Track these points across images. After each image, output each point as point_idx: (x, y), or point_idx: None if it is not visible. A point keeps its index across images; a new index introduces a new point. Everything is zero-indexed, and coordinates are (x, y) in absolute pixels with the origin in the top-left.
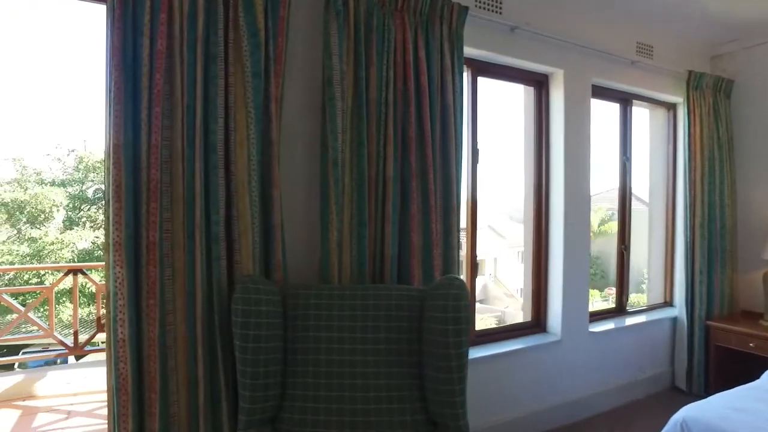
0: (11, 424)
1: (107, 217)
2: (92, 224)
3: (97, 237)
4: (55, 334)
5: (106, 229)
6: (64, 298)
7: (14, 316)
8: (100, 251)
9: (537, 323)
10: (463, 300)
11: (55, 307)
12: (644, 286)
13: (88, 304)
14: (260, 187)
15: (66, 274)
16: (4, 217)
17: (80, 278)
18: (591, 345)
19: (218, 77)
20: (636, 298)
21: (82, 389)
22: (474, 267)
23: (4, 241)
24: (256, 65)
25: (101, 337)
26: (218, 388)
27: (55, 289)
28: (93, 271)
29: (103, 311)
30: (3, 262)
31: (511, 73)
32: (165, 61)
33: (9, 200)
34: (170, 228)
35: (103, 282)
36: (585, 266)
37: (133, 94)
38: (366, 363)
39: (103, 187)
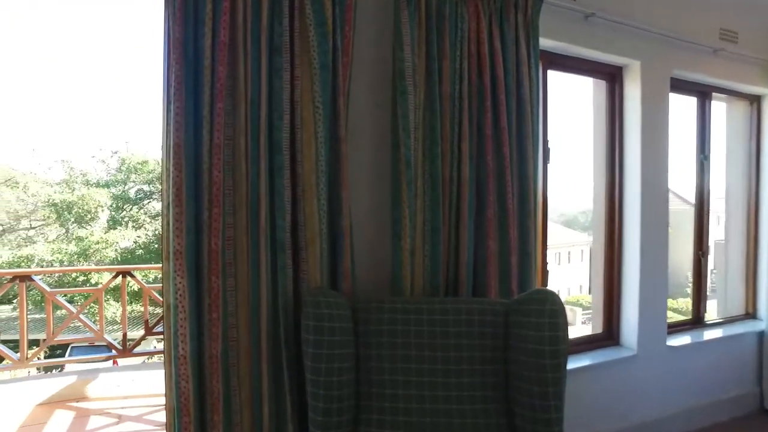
0: (66, 426)
1: (166, 223)
2: (134, 224)
3: (138, 237)
4: (105, 336)
5: (164, 236)
6: (107, 296)
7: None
8: (140, 250)
9: (609, 335)
10: (561, 317)
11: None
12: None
13: (130, 302)
14: (328, 189)
15: (115, 276)
16: (54, 216)
17: (114, 278)
18: (669, 360)
19: (283, 70)
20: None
21: (132, 392)
22: (545, 276)
23: (53, 240)
24: (323, 57)
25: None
26: (284, 409)
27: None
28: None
29: (150, 312)
30: (53, 261)
31: (582, 65)
32: (228, 54)
33: (58, 201)
34: (233, 235)
35: (149, 284)
36: (663, 272)
37: (194, 89)
38: (447, 385)
39: (145, 188)
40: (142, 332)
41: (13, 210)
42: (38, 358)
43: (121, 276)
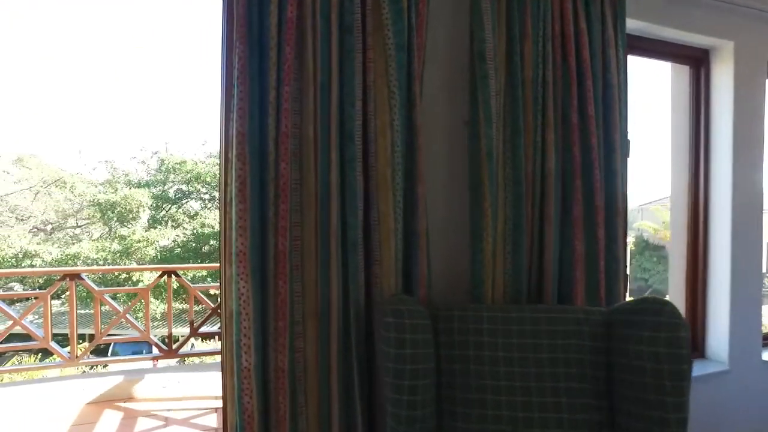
0: (115, 427)
1: (226, 221)
2: (173, 223)
3: (177, 236)
4: (152, 337)
5: (223, 235)
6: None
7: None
8: (179, 248)
9: (693, 346)
10: (683, 331)
11: (140, 302)
12: None
13: (165, 299)
14: (404, 184)
15: (161, 276)
16: (98, 215)
17: (159, 277)
18: (766, 377)
19: (355, 51)
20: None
21: (177, 394)
22: (625, 281)
23: (97, 238)
24: (399, 36)
25: (202, 346)
26: (355, 427)
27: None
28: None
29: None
30: (98, 259)
31: (662, 48)
32: (295, 32)
33: (102, 201)
34: (300, 234)
35: (197, 285)
36: (758, 277)
37: (259, 72)
38: (544, 406)
39: (184, 188)
40: (180, 330)
41: (61, 209)
42: (87, 356)
43: (166, 275)
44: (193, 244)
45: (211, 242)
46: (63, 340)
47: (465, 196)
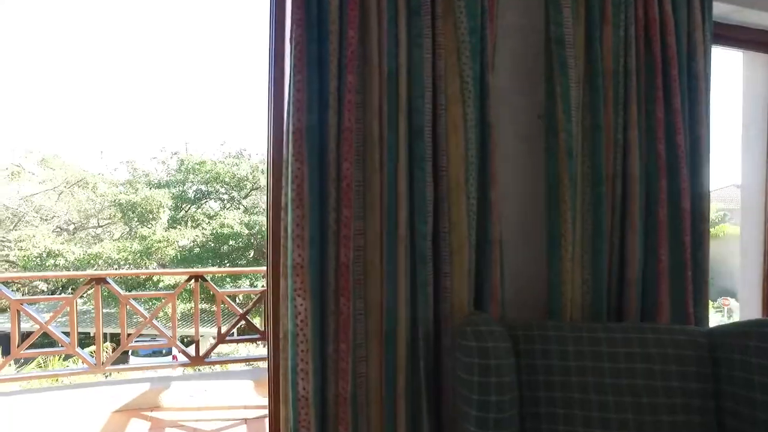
0: None
1: (273, 229)
2: (193, 223)
3: (196, 236)
4: (177, 343)
5: (271, 245)
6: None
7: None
8: (198, 248)
9: None
10: None
11: (161, 300)
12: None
13: (189, 300)
14: (477, 187)
15: (188, 280)
16: (119, 215)
17: (186, 281)
18: None
19: (423, 36)
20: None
21: (205, 404)
22: (706, 294)
23: (118, 238)
24: (472, 18)
25: (222, 348)
26: None
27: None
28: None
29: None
30: (119, 259)
31: (745, 36)
32: (358, 13)
33: (123, 201)
34: (362, 244)
35: (224, 289)
36: None
37: (318, 58)
38: None
39: (203, 188)
40: (203, 329)
41: (83, 209)
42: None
43: (194, 280)
44: (212, 245)
45: (230, 242)
46: (85, 338)
47: (539, 199)
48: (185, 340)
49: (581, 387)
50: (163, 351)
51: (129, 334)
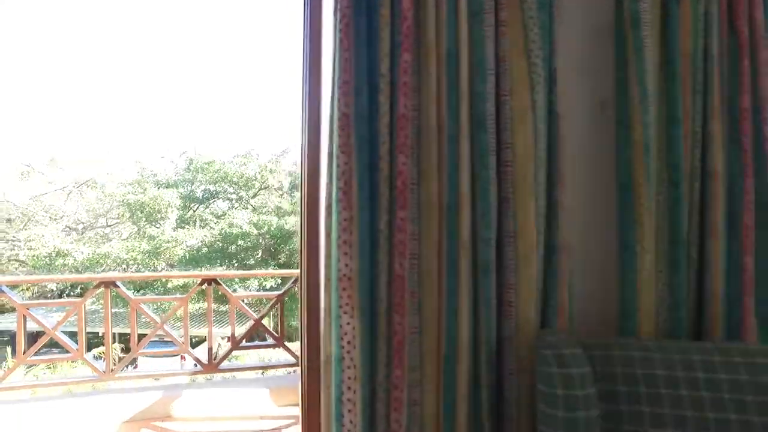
0: None
1: (307, 233)
2: (201, 223)
3: (204, 236)
4: (190, 350)
5: (306, 252)
6: (174, 292)
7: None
8: (206, 248)
9: None
10: None
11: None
12: None
13: (198, 300)
14: (546, 186)
15: (201, 284)
16: (127, 215)
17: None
18: None
19: (484, 11)
20: None
21: (217, 414)
22: None
23: (127, 238)
24: None
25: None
26: None
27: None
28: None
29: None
30: (128, 259)
31: None
32: None
33: (132, 201)
34: (417, 251)
35: (232, 289)
36: None
37: (367, 33)
38: None
39: (211, 188)
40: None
41: (92, 209)
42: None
43: (206, 284)
44: (220, 244)
45: (239, 242)
46: (94, 338)
47: (609, 200)
48: (193, 339)
49: (678, 421)
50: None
51: (139, 335)
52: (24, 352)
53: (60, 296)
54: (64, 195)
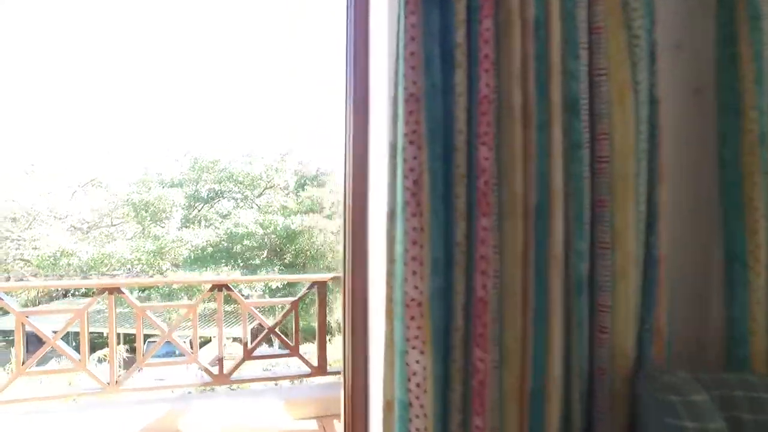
0: None
1: (351, 245)
2: (206, 222)
3: (209, 235)
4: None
5: (351, 263)
6: (182, 294)
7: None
8: (211, 248)
9: None
10: None
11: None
12: None
13: (206, 301)
14: (647, 185)
15: (211, 290)
16: (132, 214)
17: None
18: None
19: None
20: None
21: (229, 427)
22: None
23: (131, 237)
24: None
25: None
26: None
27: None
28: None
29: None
30: (132, 259)
31: None
32: None
33: (137, 200)
34: (497, 267)
35: (250, 301)
36: None
37: None
38: None
39: (216, 187)
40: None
41: (97, 208)
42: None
43: (217, 290)
44: (225, 244)
45: (244, 242)
46: (98, 338)
47: (710, 202)
48: (199, 339)
49: None
50: (176, 352)
51: (145, 335)
52: (23, 363)
53: (65, 296)
54: (69, 194)
